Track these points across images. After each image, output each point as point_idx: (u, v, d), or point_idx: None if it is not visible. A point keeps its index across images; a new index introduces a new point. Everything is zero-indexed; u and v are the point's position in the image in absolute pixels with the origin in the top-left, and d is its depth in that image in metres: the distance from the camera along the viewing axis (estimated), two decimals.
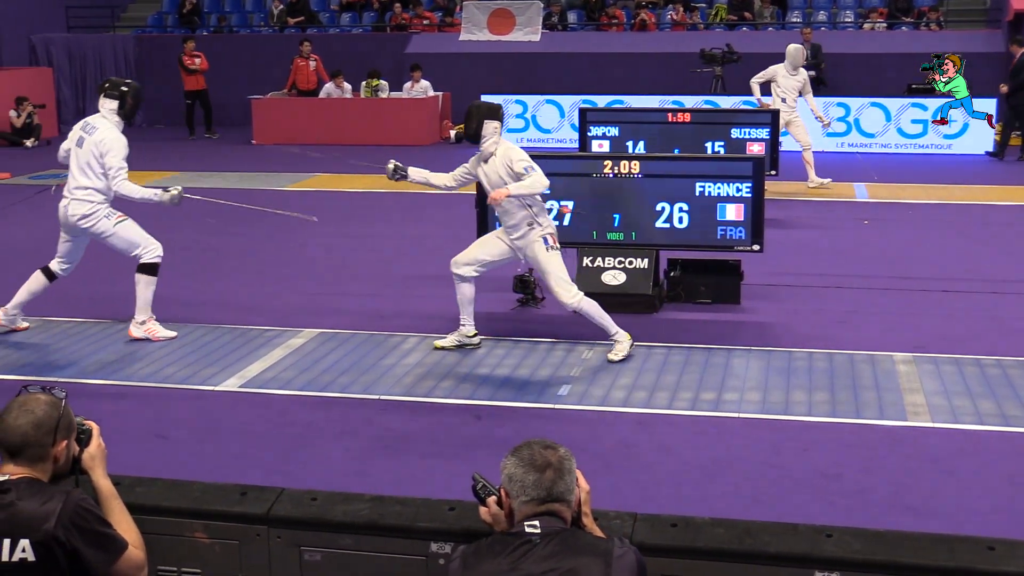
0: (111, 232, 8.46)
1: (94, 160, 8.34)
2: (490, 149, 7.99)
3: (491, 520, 3.28)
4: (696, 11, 23.88)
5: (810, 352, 8.14)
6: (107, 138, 8.34)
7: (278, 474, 6.01)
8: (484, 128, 7.99)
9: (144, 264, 8.57)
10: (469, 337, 8.33)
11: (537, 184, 7.73)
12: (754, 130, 12.59)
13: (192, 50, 21.44)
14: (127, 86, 8.55)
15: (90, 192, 8.38)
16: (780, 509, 5.55)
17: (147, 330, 8.64)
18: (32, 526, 3.26)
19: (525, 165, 7.79)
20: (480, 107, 8.19)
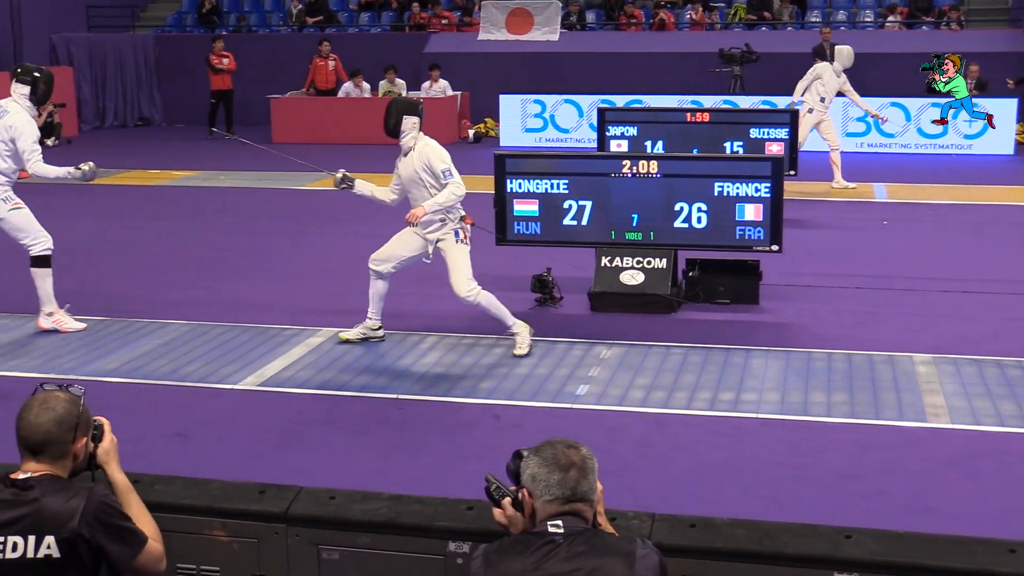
0: (3, 216, 8.61)
1: (2, 143, 8.53)
2: (408, 144, 8.08)
3: (506, 522, 3.27)
4: (715, 11, 23.83)
5: (829, 353, 8.11)
6: (17, 122, 8.51)
7: (296, 473, 6.01)
8: (403, 123, 8.05)
9: (36, 258, 8.70)
10: (374, 330, 8.50)
11: (452, 197, 7.89)
12: (773, 130, 12.55)
13: (220, 50, 21.48)
14: (40, 72, 8.71)
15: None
16: (799, 510, 5.53)
17: (55, 321, 8.80)
18: (57, 523, 3.27)
19: (444, 168, 7.94)
20: (399, 103, 8.27)
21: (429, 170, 7.94)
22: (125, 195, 15.83)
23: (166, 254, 11.84)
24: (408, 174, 8.07)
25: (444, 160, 7.97)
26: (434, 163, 7.92)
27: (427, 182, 7.98)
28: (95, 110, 23.94)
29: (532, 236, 9.35)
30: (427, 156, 7.96)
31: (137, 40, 24.82)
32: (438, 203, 7.88)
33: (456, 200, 7.94)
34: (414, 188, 8.08)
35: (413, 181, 8.04)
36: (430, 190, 7.97)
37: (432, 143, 8.09)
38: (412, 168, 8.02)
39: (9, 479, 3.36)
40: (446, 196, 7.87)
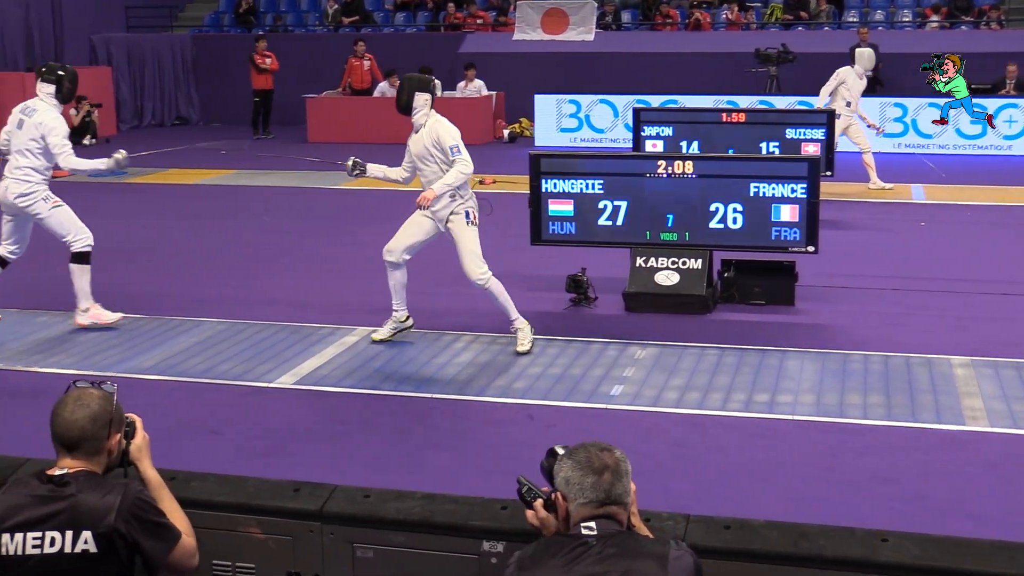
0: (46, 215, 8.71)
1: (33, 142, 8.62)
2: (420, 121, 8.08)
3: (538, 524, 3.26)
4: (751, 10, 23.73)
5: (866, 354, 8.05)
6: (46, 120, 8.63)
7: (331, 471, 6.03)
8: (415, 100, 8.07)
9: (76, 254, 8.79)
10: (402, 322, 8.50)
11: (460, 176, 7.90)
12: (809, 130, 12.49)
13: (263, 49, 21.56)
14: (64, 71, 8.82)
15: (28, 172, 8.65)
16: (835, 513, 5.49)
17: (92, 316, 8.88)
18: (94, 519, 3.30)
19: (452, 144, 7.95)
20: (411, 79, 8.28)
21: (438, 145, 7.96)
22: (162, 193, 15.94)
23: (202, 252, 11.91)
24: (418, 150, 8.09)
25: (454, 136, 7.99)
26: (443, 139, 7.95)
27: (437, 158, 8.00)
28: (133, 109, 24.12)
29: (567, 236, 9.34)
30: (436, 132, 7.99)
31: (175, 40, 24.99)
32: (446, 183, 7.89)
33: (464, 179, 7.94)
34: (424, 164, 8.10)
35: (423, 157, 8.07)
36: (440, 166, 7.99)
37: (442, 120, 8.11)
38: (422, 144, 8.05)
39: (46, 475, 3.38)
40: (454, 176, 7.88)
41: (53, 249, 9.08)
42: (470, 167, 7.94)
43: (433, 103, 8.15)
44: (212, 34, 25.74)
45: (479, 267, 8.07)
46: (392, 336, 8.48)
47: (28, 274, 9.81)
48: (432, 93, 8.15)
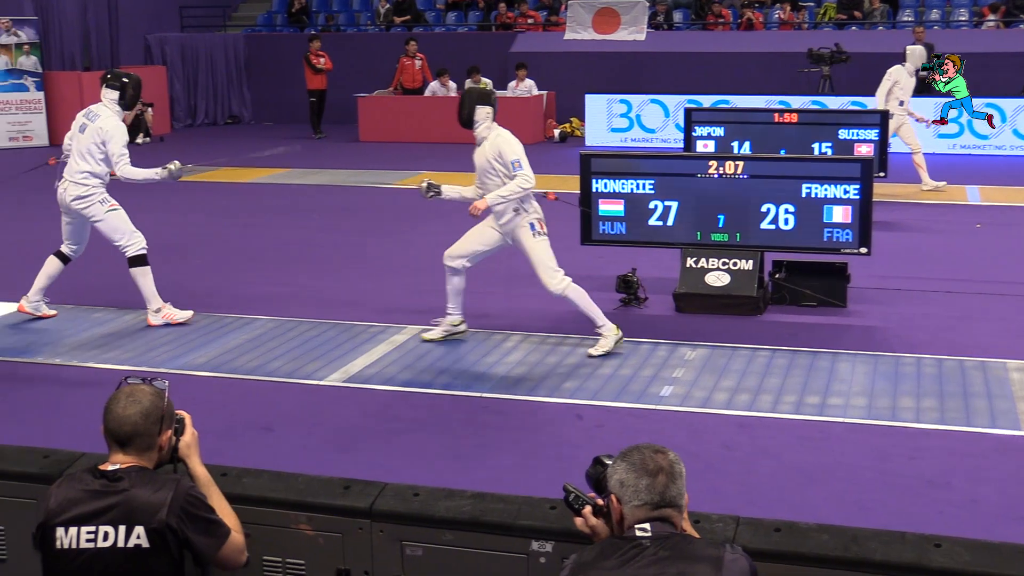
0: (101, 218, 8.85)
1: (95, 146, 8.76)
2: (482, 134, 8.06)
3: (588, 531, 3.26)
4: (804, 10, 23.56)
5: (918, 357, 7.97)
6: (108, 126, 8.77)
7: (380, 469, 6.06)
8: (476, 113, 8.04)
9: (133, 258, 8.91)
10: (455, 326, 8.51)
11: (517, 190, 7.84)
12: (862, 131, 12.38)
13: (318, 49, 21.66)
14: (128, 78, 8.95)
15: (87, 176, 8.78)
16: (886, 517, 5.44)
17: (164, 316, 9.00)
18: (146, 514, 3.34)
19: (514, 159, 7.89)
20: (472, 92, 8.25)
21: (500, 159, 7.94)
22: (214, 192, 16.07)
23: (253, 250, 12.01)
24: (480, 164, 8.08)
25: (515, 151, 7.94)
26: (505, 153, 7.92)
27: (499, 171, 7.97)
28: (187, 108, 24.36)
29: (617, 236, 9.33)
30: (499, 145, 7.96)
31: (228, 40, 25.20)
32: (501, 196, 7.86)
33: (522, 193, 7.90)
34: (486, 178, 8.08)
35: (485, 171, 8.05)
36: (503, 179, 7.96)
37: (505, 133, 8.08)
38: (485, 158, 8.03)
39: (99, 470, 3.42)
40: (510, 189, 7.85)
41: (109, 246, 9.18)
42: (530, 183, 7.88)
43: (495, 115, 8.11)
44: (264, 33, 25.93)
45: (553, 277, 8.02)
46: (442, 338, 8.49)
47: (83, 271, 9.92)
48: (493, 106, 8.11)
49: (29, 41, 21.00)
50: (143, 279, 8.91)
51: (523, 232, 8.04)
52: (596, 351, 8.07)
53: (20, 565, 3.92)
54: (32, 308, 9.18)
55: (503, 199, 7.88)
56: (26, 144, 20.68)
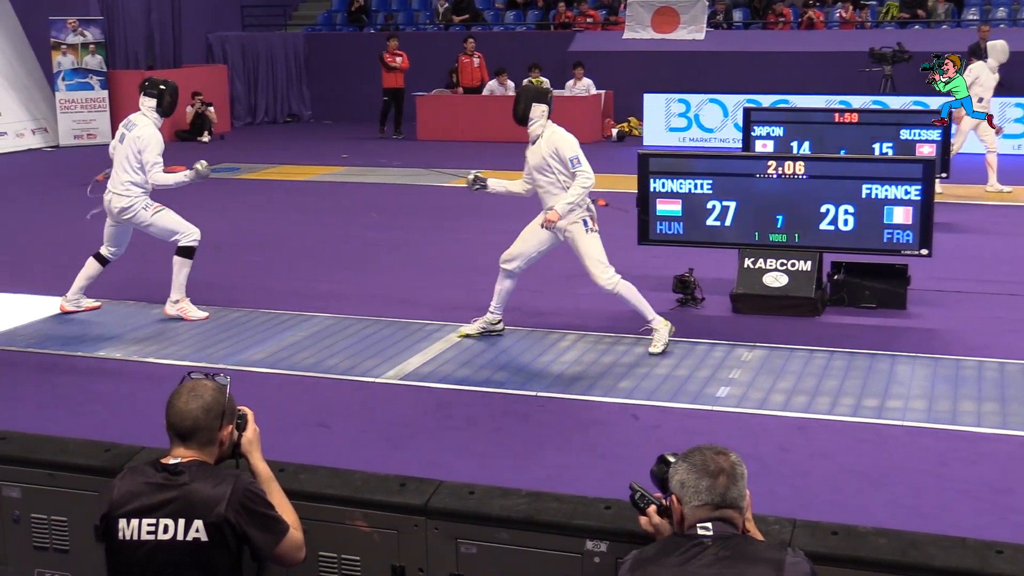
0: (149, 222, 8.99)
1: (132, 155, 8.86)
2: (536, 132, 8.02)
3: (652, 530, 3.26)
4: (866, 9, 23.31)
5: (980, 361, 7.87)
6: (144, 135, 8.85)
7: (436, 466, 6.08)
8: (532, 111, 7.99)
9: (182, 247, 9.01)
10: (494, 324, 8.54)
11: (581, 191, 7.82)
12: (925, 131, 12.24)
13: (394, 48, 21.61)
14: (165, 85, 9.06)
15: (128, 186, 8.90)
16: (946, 522, 5.37)
17: (180, 309, 9.12)
18: (205, 508, 3.37)
19: (573, 155, 7.86)
20: (528, 90, 8.24)
21: (557, 156, 7.90)
22: (273, 189, 16.21)
23: (311, 248, 12.09)
24: (536, 161, 8.05)
25: (573, 147, 7.92)
26: (563, 149, 7.89)
27: (555, 168, 7.94)
28: (247, 107, 24.57)
29: (674, 236, 9.29)
30: (555, 143, 7.93)
31: (288, 39, 25.40)
32: (568, 202, 7.85)
33: (586, 192, 7.89)
34: (541, 175, 8.05)
35: (541, 168, 8.02)
36: (558, 176, 7.94)
37: (560, 130, 8.05)
38: (540, 155, 8.00)
39: (160, 463, 3.47)
40: (576, 192, 7.83)
41: (160, 245, 9.28)
42: (591, 179, 7.87)
43: (550, 114, 8.10)
44: (324, 32, 26.11)
45: (604, 272, 8.02)
46: (479, 334, 8.52)
47: (145, 267, 10.05)
48: (549, 104, 8.09)
49: (95, 41, 21.31)
50: (180, 269, 9.04)
51: (576, 228, 8.02)
52: (655, 348, 8.06)
53: (82, 556, 3.98)
54: (73, 306, 9.33)
55: (571, 204, 7.85)
56: (90, 142, 20.98)
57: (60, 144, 20.96)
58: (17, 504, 4.08)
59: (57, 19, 21.05)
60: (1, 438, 4.22)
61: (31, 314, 9.40)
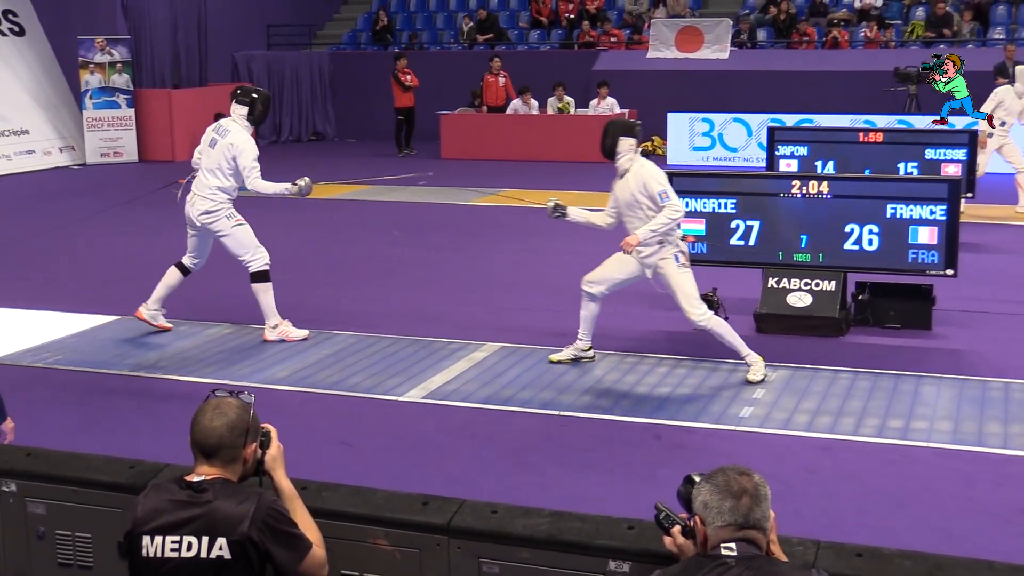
0: (228, 232, 8.94)
1: (224, 161, 8.84)
2: (625, 166, 7.94)
3: (676, 550, 3.25)
4: (891, 28, 23.27)
5: (1006, 382, 7.82)
6: (238, 140, 8.85)
7: (458, 485, 6.08)
8: (619, 144, 7.93)
9: (255, 273, 8.97)
10: (584, 351, 8.38)
11: (667, 221, 7.69)
12: (950, 151, 12.18)
13: (405, 67, 21.79)
14: (257, 93, 9.06)
15: (215, 190, 8.86)
16: (972, 545, 5.34)
17: (280, 332, 9.04)
18: (229, 526, 3.37)
19: (660, 190, 7.75)
20: (615, 124, 8.14)
21: (645, 191, 7.79)
22: (296, 208, 16.25)
23: (335, 265, 12.12)
24: (625, 197, 7.93)
25: (661, 182, 7.80)
26: (651, 184, 7.77)
27: (644, 204, 7.81)
28: (271, 125, 24.68)
29: (698, 256, 9.26)
30: (643, 177, 7.81)
31: (313, 57, 25.53)
32: (651, 229, 7.71)
33: (671, 224, 7.75)
34: (630, 211, 7.94)
35: (629, 204, 7.91)
36: (647, 212, 7.80)
37: (648, 164, 7.95)
38: (629, 191, 7.88)
39: (184, 481, 3.47)
40: (660, 221, 7.68)
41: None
42: (679, 213, 7.74)
43: (638, 147, 8.02)
44: (349, 51, 26.23)
45: (697, 308, 7.85)
46: (570, 361, 8.39)
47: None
48: (637, 137, 8.01)
49: (122, 60, 21.47)
50: (264, 295, 8.98)
51: (667, 264, 7.87)
52: (754, 376, 7.89)
53: (106, 573, 3.99)
54: (150, 316, 9.24)
55: (654, 233, 7.73)
56: (116, 160, 21.13)
57: (87, 162, 21.11)
58: (42, 520, 4.10)
59: (85, 38, 21.23)
60: (27, 454, 4.24)
61: (59, 331, 9.45)
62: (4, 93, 20.78)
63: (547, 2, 25.51)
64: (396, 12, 27.02)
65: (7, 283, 11.32)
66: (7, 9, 21.57)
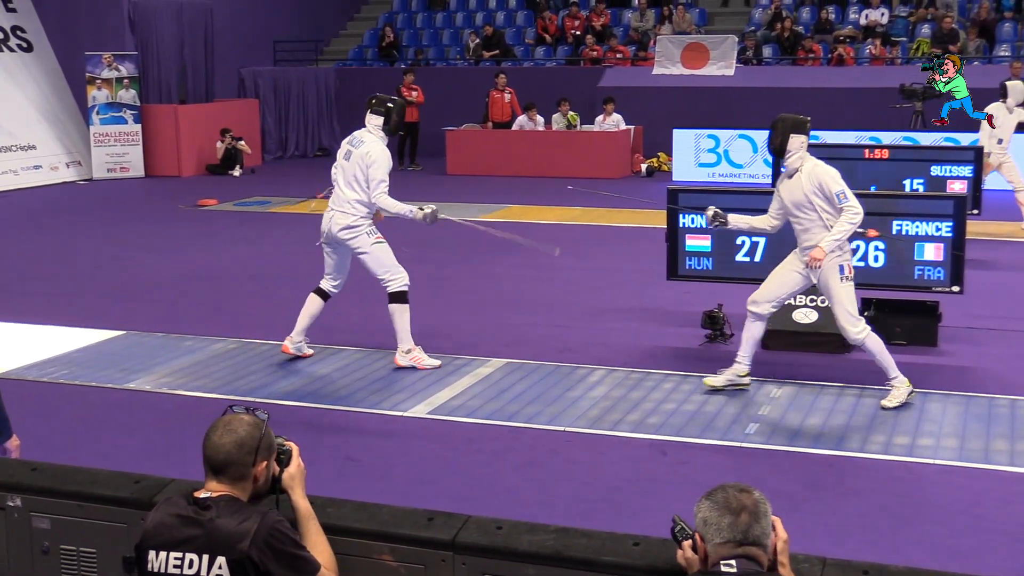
0: (367, 250, 8.59)
1: (360, 173, 8.49)
2: (795, 165, 7.58)
3: (684, 564, 3.25)
4: (896, 45, 23.30)
5: (1013, 399, 7.80)
6: (373, 151, 8.49)
7: (464, 501, 6.07)
8: (790, 142, 7.58)
9: (394, 294, 8.65)
10: (740, 377, 8.02)
11: (849, 227, 7.37)
12: (956, 167, 12.18)
13: (411, 83, 21.89)
14: (392, 103, 8.69)
15: (354, 204, 8.50)
16: (978, 563, 5.32)
17: (412, 358, 8.71)
18: (229, 545, 3.34)
19: (839, 190, 7.37)
20: (786, 120, 7.71)
21: (821, 192, 7.42)
22: (304, 223, 16.27)
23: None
24: (795, 198, 7.55)
25: (838, 181, 7.42)
26: (829, 184, 7.38)
27: (818, 205, 7.47)
28: (278, 140, 24.73)
29: (703, 272, 9.28)
30: (818, 176, 7.43)
31: (319, 73, 25.59)
32: (835, 238, 7.37)
33: (853, 229, 7.41)
34: (801, 212, 7.57)
35: (800, 205, 7.53)
36: (821, 214, 7.47)
37: (822, 164, 7.56)
38: (801, 191, 7.50)
39: (192, 496, 3.45)
40: (842, 228, 7.35)
41: (196, 276, 9.33)
42: (860, 214, 7.38)
43: (808, 145, 7.67)
44: (355, 67, 26.29)
45: (854, 325, 7.54)
46: (723, 387, 8.02)
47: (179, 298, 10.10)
48: (808, 135, 7.64)
49: (129, 75, 21.53)
50: (400, 316, 8.64)
51: (831, 273, 7.50)
52: (889, 403, 7.62)
53: None
54: (295, 349, 8.94)
55: (838, 240, 7.38)
56: (123, 175, 21.18)
57: (94, 177, 21.16)
58: (47, 535, 4.09)
59: (93, 54, 21.30)
60: (32, 469, 4.24)
61: (64, 346, 9.46)
62: (11, 109, 20.84)
63: (553, 19, 25.58)
64: (402, 28, 27.09)
65: (13, 298, 11.34)
66: (15, 25, 21.66)
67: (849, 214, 7.37)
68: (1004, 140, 14.23)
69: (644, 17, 24.91)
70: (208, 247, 14.09)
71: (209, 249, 13.93)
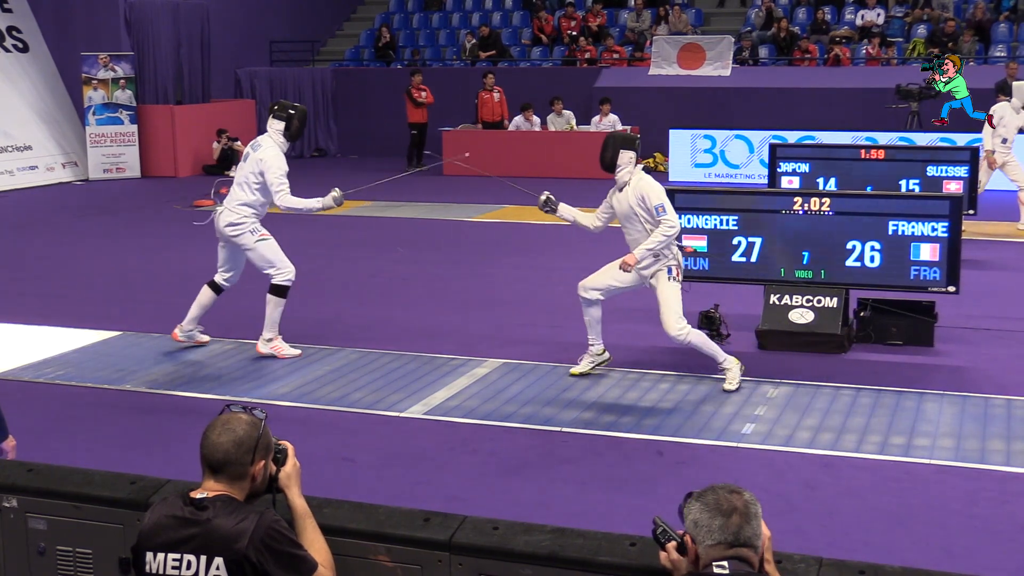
0: (252, 247, 8.94)
1: (252, 176, 8.84)
2: (624, 179, 8.01)
3: (670, 566, 3.24)
4: (892, 46, 23.32)
5: (1009, 399, 7.81)
6: (266, 156, 8.82)
7: (460, 501, 6.08)
8: (620, 157, 7.99)
9: (275, 286, 8.97)
10: (599, 355, 8.43)
11: (662, 239, 7.79)
12: (952, 168, 12.20)
13: (419, 83, 21.88)
14: (295, 109, 9.01)
15: (240, 206, 8.86)
16: (975, 563, 5.33)
17: (273, 347, 9.04)
18: (226, 545, 3.34)
19: (658, 203, 7.85)
20: (616, 137, 8.21)
21: (644, 204, 7.88)
22: (298, 224, 16.26)
23: (337, 282, 12.13)
24: (623, 209, 8.04)
25: (659, 196, 7.89)
26: (650, 198, 7.86)
27: (642, 217, 7.92)
28: None
29: (700, 272, 9.28)
30: (642, 190, 7.91)
31: (316, 73, 25.58)
32: (648, 248, 7.84)
33: (667, 241, 7.85)
34: (628, 223, 8.05)
35: (627, 216, 8.02)
36: (644, 225, 7.92)
37: (647, 178, 8.05)
38: (628, 204, 7.98)
39: (189, 497, 3.45)
40: (656, 239, 7.80)
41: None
42: (675, 228, 7.83)
43: (637, 160, 8.09)
44: (352, 68, 26.28)
45: (677, 323, 7.94)
46: (590, 370, 8.45)
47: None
48: (636, 151, 8.08)
49: (125, 76, 21.52)
50: (274, 308, 8.98)
51: (661, 275, 7.99)
52: (730, 385, 8.04)
53: None
54: (185, 337, 9.25)
55: (649, 251, 7.85)
56: (119, 176, 21.16)
57: (90, 178, 21.15)
58: (43, 536, 4.09)
59: (89, 55, 21.29)
60: (28, 470, 4.24)
61: (61, 346, 9.46)
62: (7, 109, 20.83)
63: (549, 19, 25.58)
64: (399, 29, 27.08)
65: (9, 298, 11.33)
66: (11, 26, 21.64)
67: (665, 227, 7.80)
68: (1009, 139, 14.24)
69: (640, 18, 24.93)
70: (204, 248, 14.07)
71: (205, 249, 13.90)
